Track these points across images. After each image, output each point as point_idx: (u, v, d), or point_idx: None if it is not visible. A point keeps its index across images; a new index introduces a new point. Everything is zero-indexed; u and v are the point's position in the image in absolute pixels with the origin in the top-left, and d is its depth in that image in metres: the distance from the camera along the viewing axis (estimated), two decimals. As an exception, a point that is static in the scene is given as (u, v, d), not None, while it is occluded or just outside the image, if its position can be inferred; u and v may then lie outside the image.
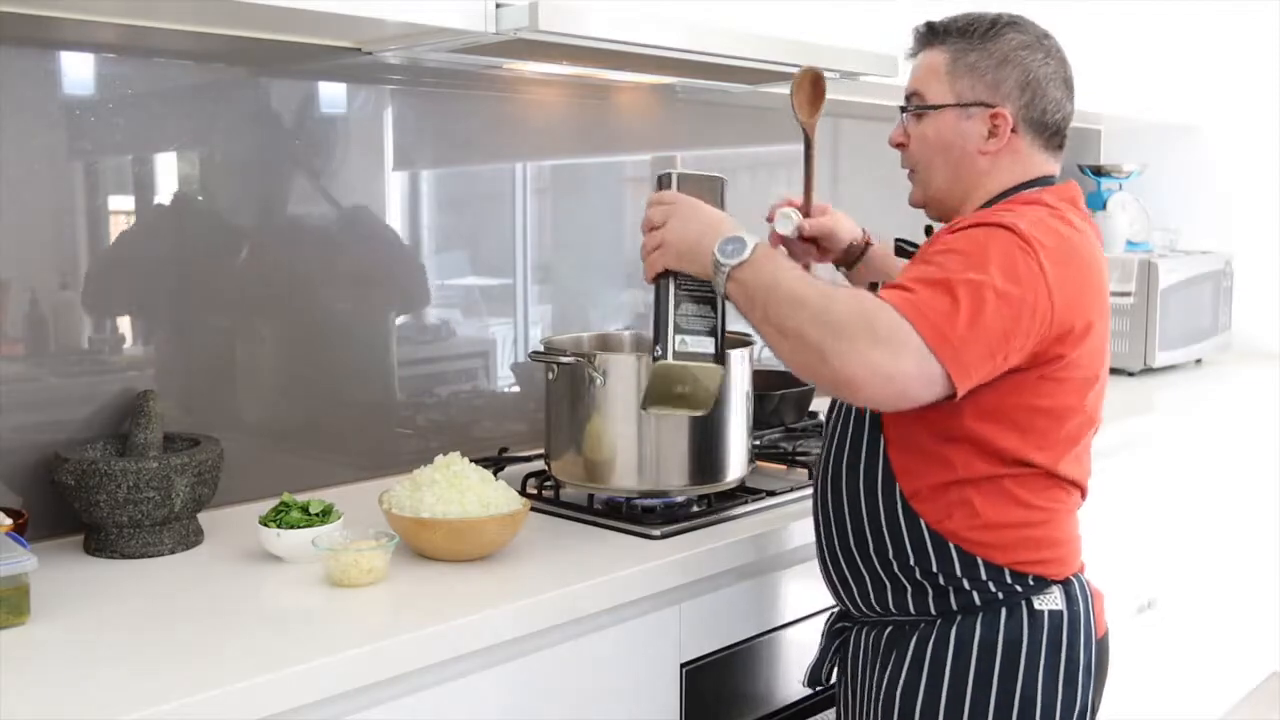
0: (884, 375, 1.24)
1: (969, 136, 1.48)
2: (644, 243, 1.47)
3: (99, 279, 1.69)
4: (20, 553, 1.31)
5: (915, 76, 1.53)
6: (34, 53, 1.60)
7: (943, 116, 1.49)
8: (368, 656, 1.25)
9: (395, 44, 1.86)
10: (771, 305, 1.32)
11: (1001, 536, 1.41)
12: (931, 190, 1.54)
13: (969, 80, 1.47)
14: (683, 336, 1.40)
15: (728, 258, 1.35)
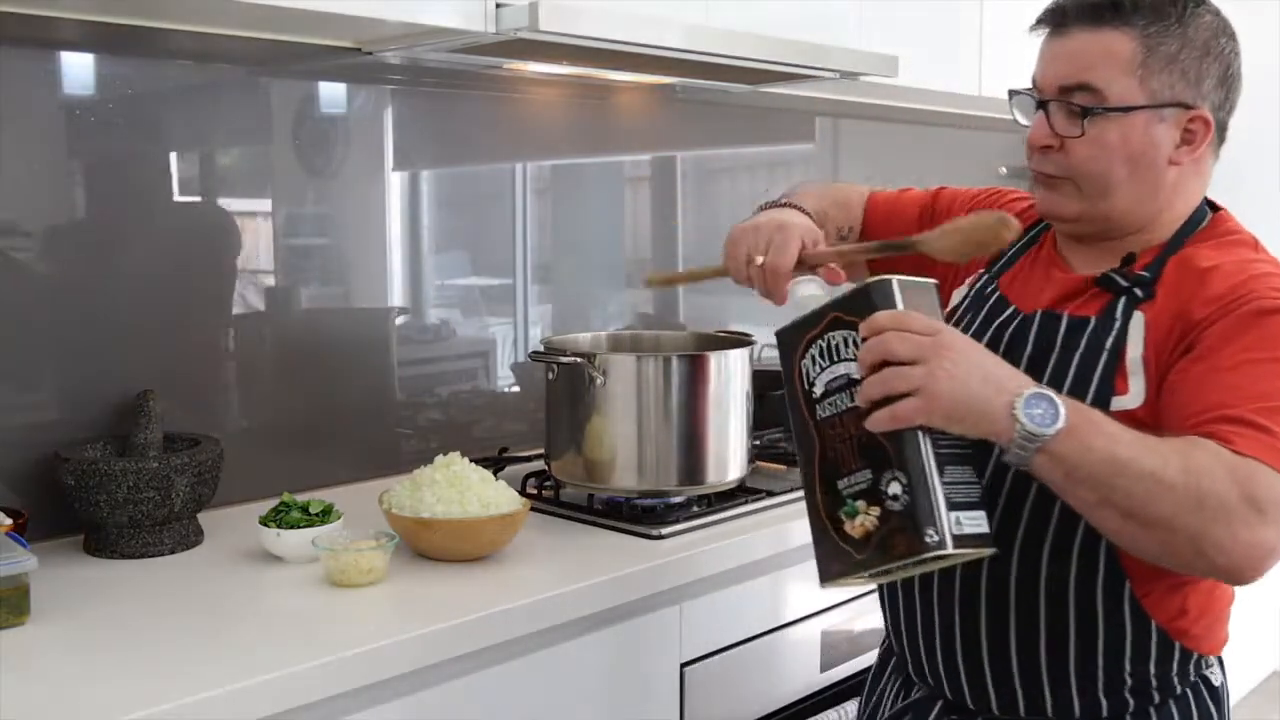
0: (1273, 553, 1.03)
1: (1161, 144, 1.22)
2: (878, 381, 1.06)
3: (100, 279, 1.69)
4: (20, 553, 1.31)
5: (1084, 63, 1.21)
6: (34, 53, 1.60)
7: (1132, 120, 1.20)
8: (368, 656, 1.25)
9: (395, 44, 1.86)
10: (1119, 489, 1.04)
11: (1210, 623, 1.26)
12: (1105, 207, 1.24)
13: (1168, 75, 1.21)
14: (957, 514, 1.05)
15: (1042, 426, 1.03)
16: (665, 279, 1.44)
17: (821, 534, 1.14)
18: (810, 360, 1.15)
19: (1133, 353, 1.18)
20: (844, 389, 1.12)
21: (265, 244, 1.89)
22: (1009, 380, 1.06)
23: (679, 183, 2.56)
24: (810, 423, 1.16)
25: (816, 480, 1.15)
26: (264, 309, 1.90)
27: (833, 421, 1.13)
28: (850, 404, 1.10)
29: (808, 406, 1.16)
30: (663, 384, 1.74)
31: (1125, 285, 1.22)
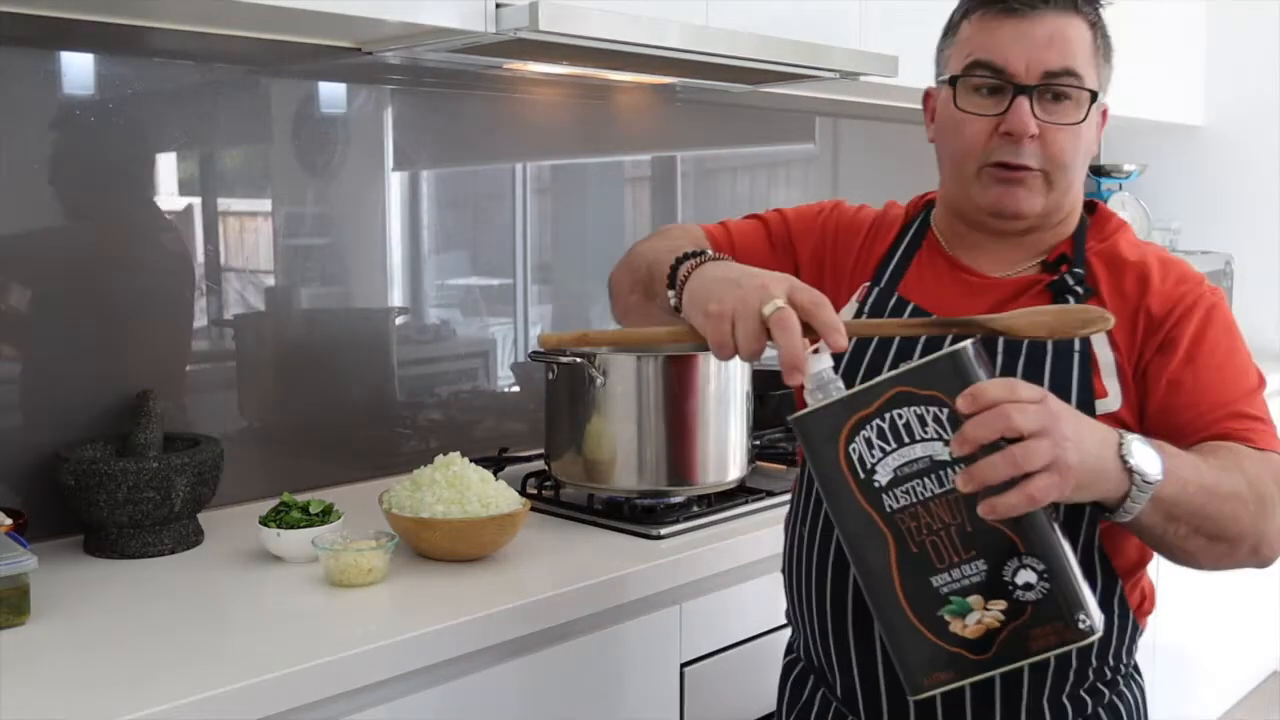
0: None
1: (1096, 136, 1.25)
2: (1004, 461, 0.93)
3: (100, 278, 1.69)
4: (20, 553, 1.31)
5: (1067, 48, 1.18)
6: (34, 53, 1.60)
7: (1093, 111, 1.21)
8: (368, 656, 1.25)
9: (395, 44, 1.86)
10: (1211, 515, 1.03)
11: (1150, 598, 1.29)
12: (1061, 199, 1.23)
13: (1105, 67, 1.24)
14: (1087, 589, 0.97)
15: (1153, 472, 0.99)
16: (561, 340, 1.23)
17: (912, 639, 0.99)
18: (864, 444, 0.99)
19: (1103, 355, 1.18)
20: (926, 473, 0.98)
21: (265, 244, 1.89)
22: (1108, 432, 1.00)
23: (679, 183, 2.55)
24: (875, 516, 1.00)
25: (896, 581, 0.99)
26: (264, 309, 1.90)
27: (914, 512, 0.99)
28: (941, 489, 0.98)
29: (867, 497, 1.00)
30: (663, 384, 1.74)
31: (1071, 285, 1.21)
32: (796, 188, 2.82)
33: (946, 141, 1.26)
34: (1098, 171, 3.58)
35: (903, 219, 1.37)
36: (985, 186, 1.22)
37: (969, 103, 1.21)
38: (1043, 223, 1.24)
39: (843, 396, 1.00)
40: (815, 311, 1.01)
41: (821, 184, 2.85)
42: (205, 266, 1.82)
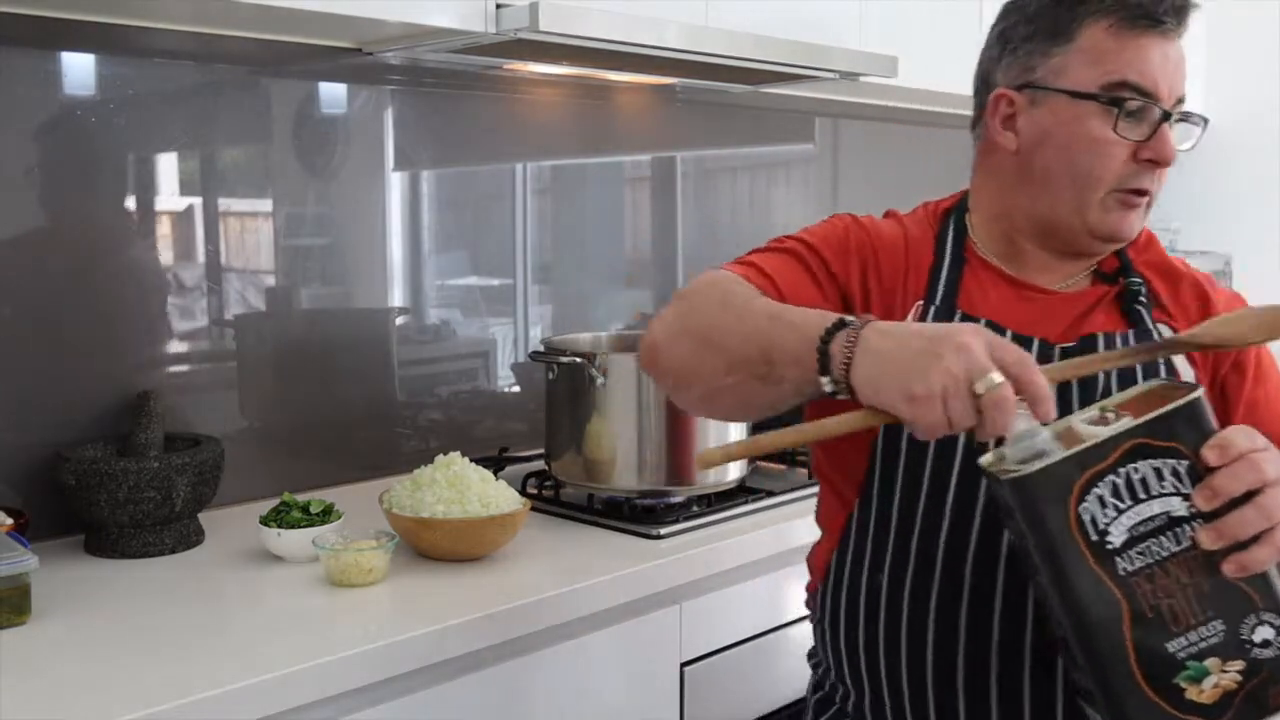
0: None
1: None
2: (1258, 513, 0.90)
3: (100, 278, 1.69)
4: (21, 552, 1.31)
5: (1184, 70, 1.19)
6: (35, 53, 1.61)
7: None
8: (367, 656, 1.25)
9: (395, 44, 1.86)
10: None
11: None
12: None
13: None
14: None
15: None
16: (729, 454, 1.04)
17: (1143, 710, 0.93)
18: (1096, 503, 0.92)
19: (1186, 373, 1.16)
20: (1162, 531, 0.92)
21: (265, 244, 1.90)
22: None
23: (679, 183, 2.56)
24: (1107, 580, 0.92)
25: (1130, 649, 0.92)
26: (264, 309, 1.90)
27: (1150, 573, 0.92)
28: (1179, 547, 0.92)
29: (1099, 560, 0.92)
30: (663, 384, 1.74)
31: (1138, 295, 1.19)
32: (796, 188, 2.82)
33: (1069, 160, 1.16)
34: (1097, 171, 3.57)
35: (930, 230, 1.27)
36: (1108, 211, 1.16)
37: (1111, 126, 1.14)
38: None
39: (1072, 454, 0.92)
40: (1025, 377, 0.91)
41: (821, 184, 2.85)
42: (206, 266, 1.82)
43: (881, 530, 1.19)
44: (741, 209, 2.68)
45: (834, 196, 2.87)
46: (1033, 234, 1.21)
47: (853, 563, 1.21)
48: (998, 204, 1.23)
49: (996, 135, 1.20)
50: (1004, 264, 1.23)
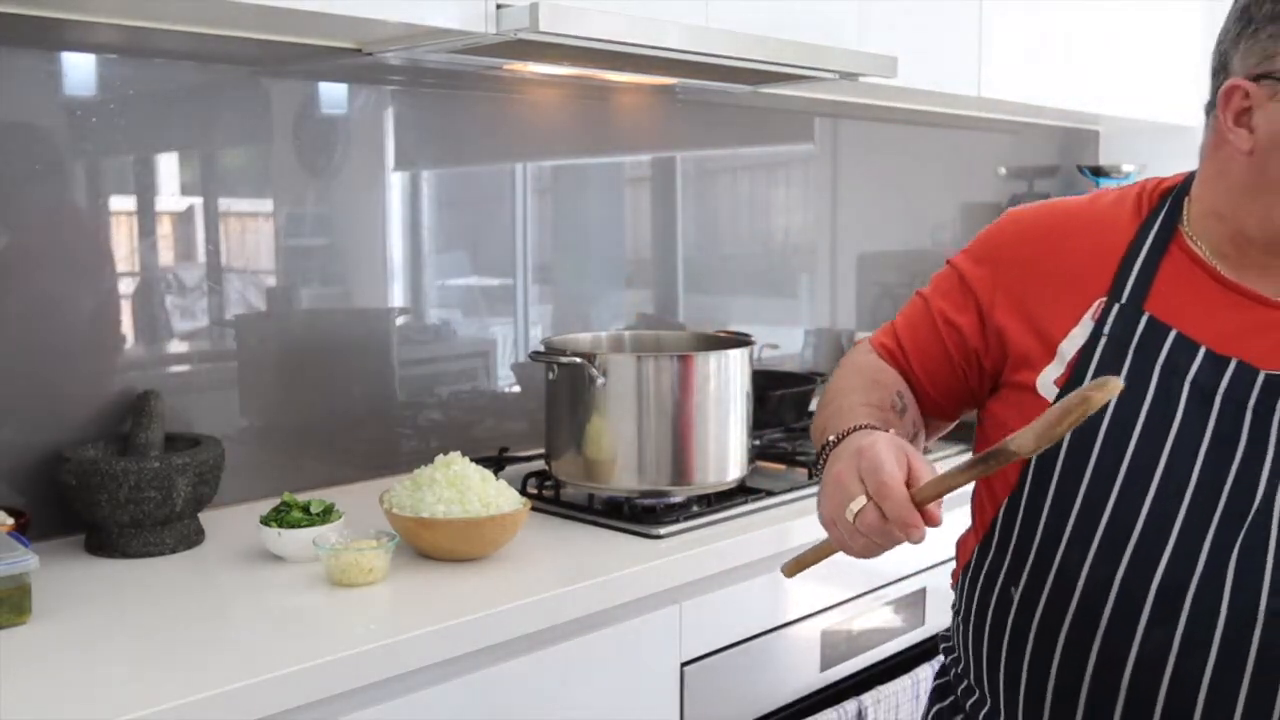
0: None
1: None
2: None
3: (100, 278, 1.69)
4: (21, 552, 1.31)
5: None
6: (35, 53, 1.61)
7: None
8: (368, 656, 1.25)
9: (396, 45, 1.87)
10: None
11: None
12: None
13: None
14: None
15: None
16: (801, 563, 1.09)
17: None
18: None
19: None
20: None
21: (265, 244, 1.90)
22: None
23: (679, 183, 2.56)
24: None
25: None
26: (264, 309, 1.91)
27: None
28: None
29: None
30: (663, 384, 1.74)
31: None
32: (796, 188, 2.82)
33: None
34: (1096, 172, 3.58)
35: (1141, 211, 1.15)
36: None
37: None
38: None
39: None
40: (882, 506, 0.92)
41: (821, 184, 2.86)
42: (206, 266, 1.82)
43: (1024, 542, 1.10)
44: (741, 209, 2.68)
45: (834, 196, 2.87)
46: (1265, 245, 1.07)
47: (991, 564, 1.15)
48: (1225, 204, 1.09)
49: (1228, 132, 1.06)
50: (1218, 261, 1.08)
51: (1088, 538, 1.04)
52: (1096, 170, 3.58)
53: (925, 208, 3.15)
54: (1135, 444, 1.03)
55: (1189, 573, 0.99)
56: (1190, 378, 1.03)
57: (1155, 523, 1.01)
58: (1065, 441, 1.04)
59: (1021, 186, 3.53)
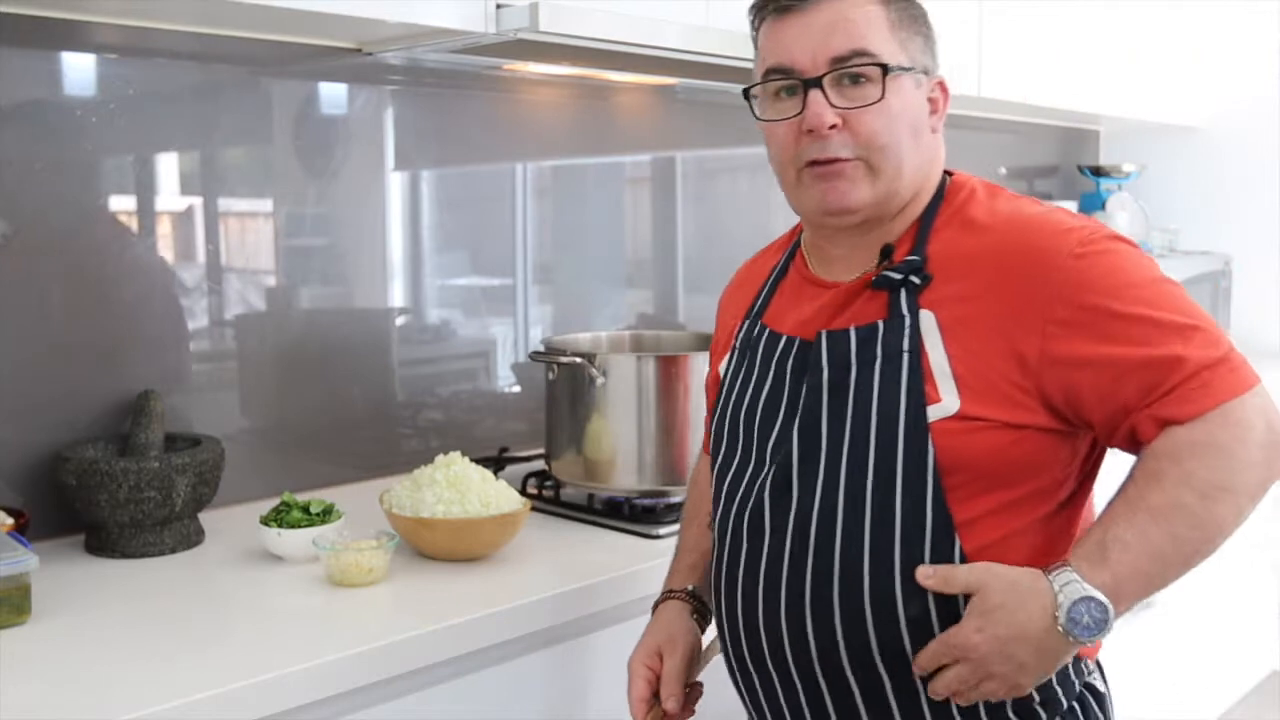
0: None
1: (925, 110, 1.19)
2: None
3: (100, 278, 1.69)
4: (21, 552, 1.31)
5: (853, 30, 1.14)
6: (35, 53, 1.61)
7: (903, 83, 1.15)
8: (368, 656, 1.25)
9: (396, 44, 1.87)
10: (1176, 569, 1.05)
11: None
12: (896, 182, 1.16)
13: (917, 40, 1.18)
14: None
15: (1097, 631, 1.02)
16: None
17: None
18: None
19: (934, 355, 1.11)
20: None
21: (265, 244, 1.90)
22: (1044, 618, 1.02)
23: (679, 183, 2.56)
24: None
25: None
26: (264, 309, 1.91)
27: None
28: None
29: None
30: (663, 384, 1.74)
31: (899, 278, 1.14)
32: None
33: (769, 155, 1.24)
34: (1096, 172, 3.58)
35: (782, 249, 1.36)
36: (808, 188, 1.18)
37: (772, 110, 1.20)
38: (881, 213, 1.18)
39: None
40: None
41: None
42: (206, 266, 1.82)
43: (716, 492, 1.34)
44: (741, 209, 2.68)
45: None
46: (810, 229, 1.28)
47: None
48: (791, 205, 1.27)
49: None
50: (815, 264, 1.27)
51: (718, 495, 1.27)
52: (1097, 170, 3.58)
53: (925, 208, 3.15)
54: (744, 419, 1.24)
55: (745, 504, 1.21)
56: (774, 360, 1.23)
57: (735, 477, 1.24)
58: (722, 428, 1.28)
59: (1021, 186, 3.53)
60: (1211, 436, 1.03)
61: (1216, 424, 1.03)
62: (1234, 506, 1.03)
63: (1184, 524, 1.03)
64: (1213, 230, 3.63)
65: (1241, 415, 1.04)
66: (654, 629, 1.32)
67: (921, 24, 1.20)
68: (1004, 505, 1.11)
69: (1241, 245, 3.55)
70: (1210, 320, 1.08)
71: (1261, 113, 3.53)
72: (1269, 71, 3.51)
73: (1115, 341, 1.06)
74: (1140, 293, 1.07)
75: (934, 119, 1.20)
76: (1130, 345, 1.06)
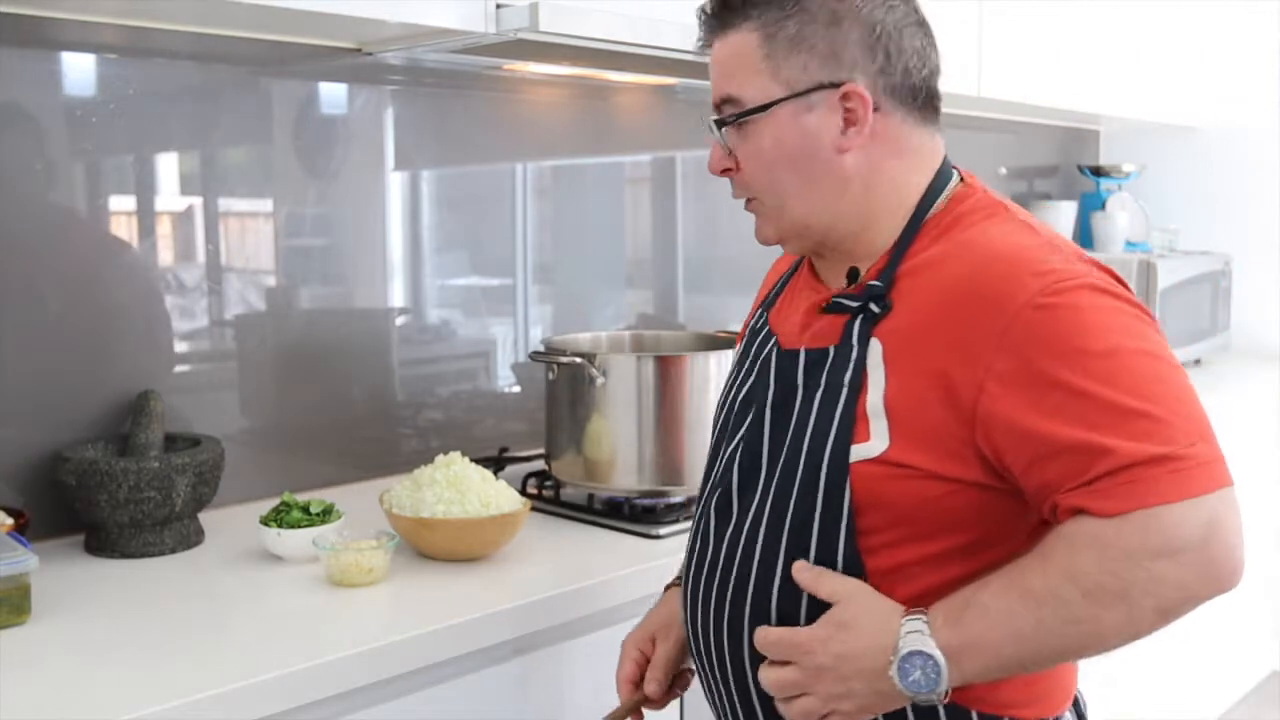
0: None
1: (820, 134, 1.08)
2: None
3: (100, 278, 1.69)
4: (21, 552, 1.31)
5: (723, 72, 1.12)
6: (35, 53, 1.61)
7: (776, 117, 1.09)
8: (368, 656, 1.25)
9: (396, 45, 1.87)
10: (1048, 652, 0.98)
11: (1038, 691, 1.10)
12: (792, 220, 1.13)
13: (798, 59, 1.07)
14: None
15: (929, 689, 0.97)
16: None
17: None
18: None
19: (874, 391, 1.05)
20: None
21: (265, 244, 1.90)
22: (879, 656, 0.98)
23: (679, 183, 2.56)
24: None
25: None
26: (264, 309, 1.90)
27: None
28: None
29: None
30: (663, 384, 1.74)
31: (855, 305, 1.09)
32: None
33: None
34: (1097, 172, 3.58)
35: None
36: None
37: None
38: (827, 238, 1.14)
39: None
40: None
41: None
42: (206, 266, 1.82)
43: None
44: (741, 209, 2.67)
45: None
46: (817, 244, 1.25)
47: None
48: None
49: None
50: (818, 268, 1.22)
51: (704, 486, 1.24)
52: (1097, 170, 3.58)
53: (925, 208, 3.15)
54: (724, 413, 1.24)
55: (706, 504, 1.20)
56: (760, 359, 1.20)
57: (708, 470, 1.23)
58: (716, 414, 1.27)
59: (1021, 186, 3.53)
60: (1120, 538, 0.92)
61: (1133, 527, 0.92)
62: (1124, 616, 0.93)
63: (1056, 616, 0.94)
64: (1213, 230, 3.63)
65: (1170, 524, 0.92)
66: (654, 613, 1.32)
67: (811, 37, 1.07)
68: (930, 558, 1.03)
69: (1241, 245, 3.55)
70: (1184, 406, 0.95)
71: (1261, 113, 3.53)
72: (1269, 71, 3.51)
73: (1048, 414, 0.95)
74: (1093, 363, 0.95)
75: (846, 137, 1.08)
76: (1062, 422, 0.95)
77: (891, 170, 1.11)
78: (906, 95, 1.11)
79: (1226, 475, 0.96)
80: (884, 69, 1.09)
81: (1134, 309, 1.00)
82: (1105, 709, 1.55)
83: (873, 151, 1.09)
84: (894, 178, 1.11)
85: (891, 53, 1.09)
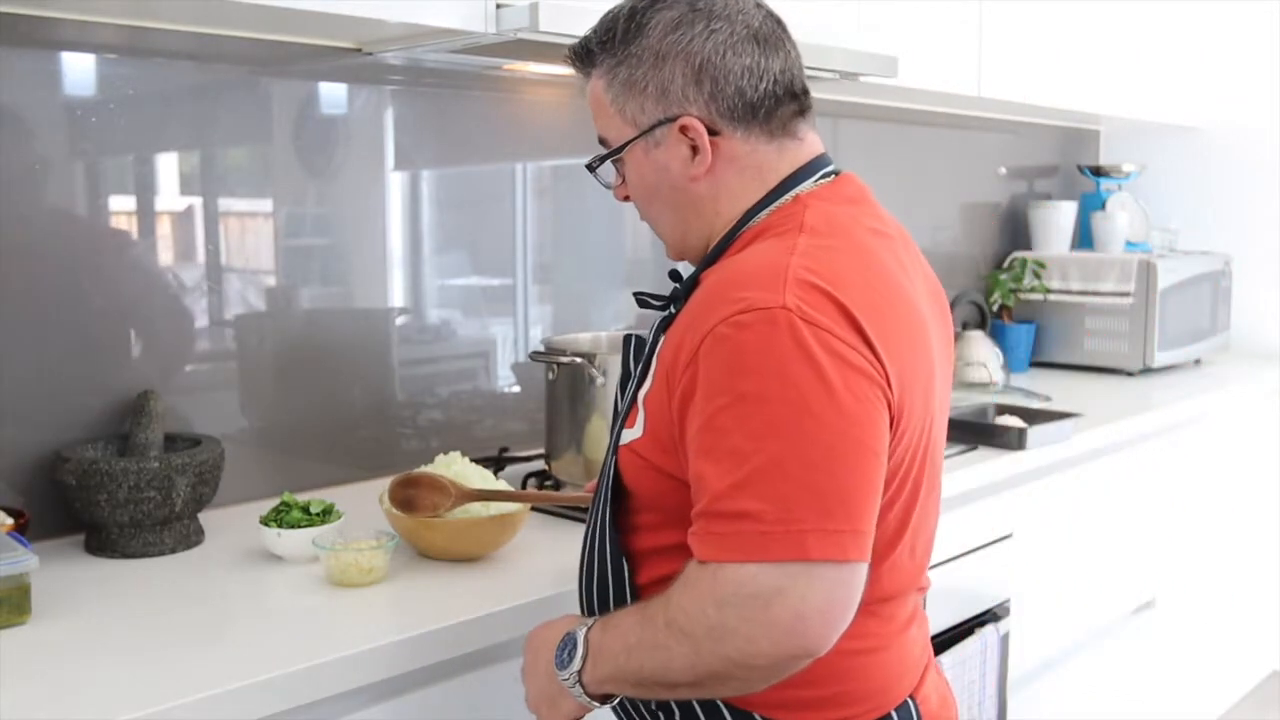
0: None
1: (669, 166, 1.15)
2: None
3: (100, 278, 1.69)
4: (21, 552, 1.31)
5: (593, 116, 1.23)
6: (35, 53, 1.61)
7: (632, 156, 1.18)
8: (367, 656, 1.25)
9: (396, 44, 1.87)
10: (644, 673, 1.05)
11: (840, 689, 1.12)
12: (674, 240, 1.21)
13: (637, 100, 1.15)
14: None
15: (562, 667, 1.12)
16: None
17: None
18: None
19: (647, 383, 1.12)
20: None
21: (265, 244, 1.90)
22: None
23: (679, 183, 2.55)
24: None
25: None
26: (264, 309, 1.91)
27: None
28: None
29: None
30: (663, 384, 1.74)
31: (658, 304, 1.20)
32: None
33: None
34: (1097, 172, 3.58)
35: None
36: None
37: None
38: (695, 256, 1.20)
39: None
40: None
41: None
42: (206, 266, 1.82)
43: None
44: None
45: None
46: None
47: None
48: None
49: None
50: None
51: None
52: (1097, 170, 3.58)
53: (925, 208, 3.15)
54: None
55: None
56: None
57: None
58: None
59: (1021, 186, 3.53)
60: (699, 581, 0.98)
61: (708, 574, 0.98)
62: (690, 653, 0.98)
63: (647, 639, 1.03)
64: (1213, 230, 3.63)
65: (737, 580, 0.96)
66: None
67: (642, 79, 1.14)
68: (680, 545, 1.05)
69: (1241, 245, 3.55)
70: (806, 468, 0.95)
71: (1261, 113, 3.53)
72: (1269, 71, 3.51)
73: (695, 439, 1.01)
74: (735, 403, 0.98)
75: (694, 165, 1.14)
76: (697, 451, 1.01)
77: (735, 190, 1.15)
78: (745, 113, 1.13)
79: (827, 550, 0.95)
80: (713, 95, 1.12)
81: (826, 353, 0.97)
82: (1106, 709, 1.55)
83: (720, 173, 1.14)
84: (734, 193, 1.15)
85: (718, 78, 1.12)
